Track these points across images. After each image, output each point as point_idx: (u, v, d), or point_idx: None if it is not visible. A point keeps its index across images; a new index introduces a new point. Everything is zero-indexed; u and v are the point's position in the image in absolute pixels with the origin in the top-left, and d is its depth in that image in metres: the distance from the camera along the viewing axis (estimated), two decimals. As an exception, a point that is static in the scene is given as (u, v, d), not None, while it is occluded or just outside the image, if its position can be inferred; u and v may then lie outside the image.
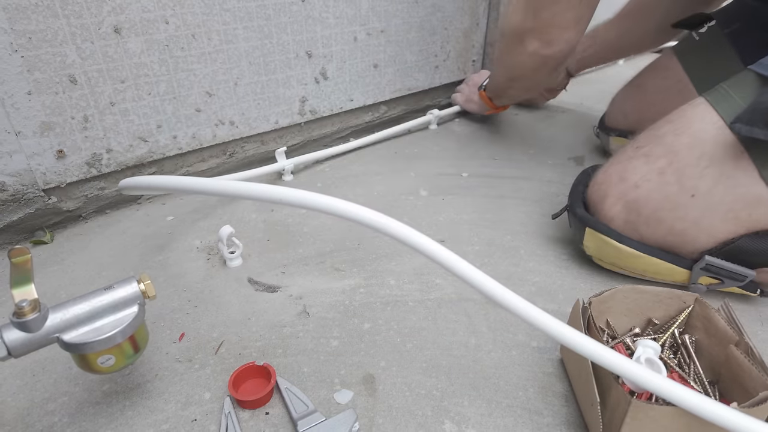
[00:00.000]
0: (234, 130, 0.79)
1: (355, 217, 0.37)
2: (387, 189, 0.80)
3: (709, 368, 0.43)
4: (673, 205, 0.51)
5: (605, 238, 0.54)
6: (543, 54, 0.68)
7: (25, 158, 0.61)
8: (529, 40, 0.68)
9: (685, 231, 0.51)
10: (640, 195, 0.52)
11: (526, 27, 0.67)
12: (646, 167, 0.53)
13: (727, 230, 0.49)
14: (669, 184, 0.51)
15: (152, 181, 0.50)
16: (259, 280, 0.59)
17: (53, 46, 0.58)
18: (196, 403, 0.43)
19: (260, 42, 0.76)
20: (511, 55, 0.74)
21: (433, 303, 0.55)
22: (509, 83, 0.85)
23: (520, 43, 0.69)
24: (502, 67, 0.83)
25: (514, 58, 0.74)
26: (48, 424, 0.41)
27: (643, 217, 0.53)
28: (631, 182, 0.53)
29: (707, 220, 0.50)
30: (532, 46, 0.68)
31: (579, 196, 0.60)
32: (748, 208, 0.48)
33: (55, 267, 0.61)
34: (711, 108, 0.50)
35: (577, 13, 0.64)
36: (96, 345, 0.36)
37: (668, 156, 0.51)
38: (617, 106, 0.88)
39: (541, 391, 0.45)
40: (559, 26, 0.65)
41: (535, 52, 0.69)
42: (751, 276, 0.50)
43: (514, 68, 0.77)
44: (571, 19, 0.64)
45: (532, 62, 0.71)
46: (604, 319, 0.47)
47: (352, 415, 0.40)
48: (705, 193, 0.49)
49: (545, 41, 0.67)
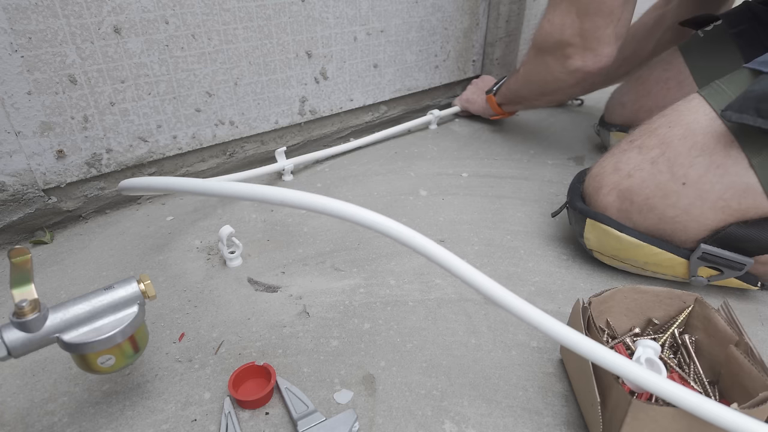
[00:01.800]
0: (234, 130, 0.79)
1: (355, 218, 0.37)
2: (387, 189, 0.80)
3: (709, 368, 0.43)
4: (665, 192, 0.51)
5: (606, 228, 0.55)
6: (587, 70, 0.69)
7: (25, 158, 0.61)
8: (574, 55, 0.69)
9: (676, 218, 0.52)
10: (633, 183, 0.53)
11: (572, 41, 0.68)
12: (639, 157, 0.54)
13: (717, 218, 0.50)
14: (661, 173, 0.52)
15: (152, 182, 0.50)
16: (259, 280, 0.59)
17: (53, 46, 0.58)
18: (196, 403, 0.43)
19: (260, 42, 0.76)
20: (549, 70, 0.74)
21: (433, 303, 0.55)
22: (539, 97, 0.85)
23: (562, 58, 0.70)
24: (532, 81, 0.82)
25: (551, 74, 0.74)
26: (48, 424, 0.41)
27: (635, 205, 0.53)
28: (625, 172, 0.54)
29: (697, 209, 0.50)
30: (576, 62, 0.69)
31: (578, 192, 0.61)
32: (737, 197, 0.48)
33: (54, 267, 0.61)
34: (704, 101, 0.51)
35: (616, 28, 0.66)
36: (96, 345, 0.36)
37: (661, 147, 0.52)
38: (616, 99, 0.89)
39: (541, 391, 0.45)
40: (603, 41, 0.66)
41: (579, 69, 0.69)
42: (750, 263, 0.50)
43: (549, 83, 0.77)
44: (612, 34, 0.66)
45: (573, 78, 0.72)
46: (604, 319, 0.47)
47: (352, 415, 0.40)
48: (695, 182, 0.50)
49: (591, 56, 0.68)
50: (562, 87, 0.76)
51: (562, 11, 0.69)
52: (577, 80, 0.72)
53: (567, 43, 0.69)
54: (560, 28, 0.69)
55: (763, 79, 0.46)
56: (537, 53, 0.76)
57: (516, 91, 0.89)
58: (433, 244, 0.37)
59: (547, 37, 0.71)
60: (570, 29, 0.68)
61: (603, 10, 0.64)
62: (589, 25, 0.65)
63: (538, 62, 0.76)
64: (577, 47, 0.68)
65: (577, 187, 0.62)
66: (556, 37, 0.70)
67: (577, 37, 0.67)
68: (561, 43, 0.70)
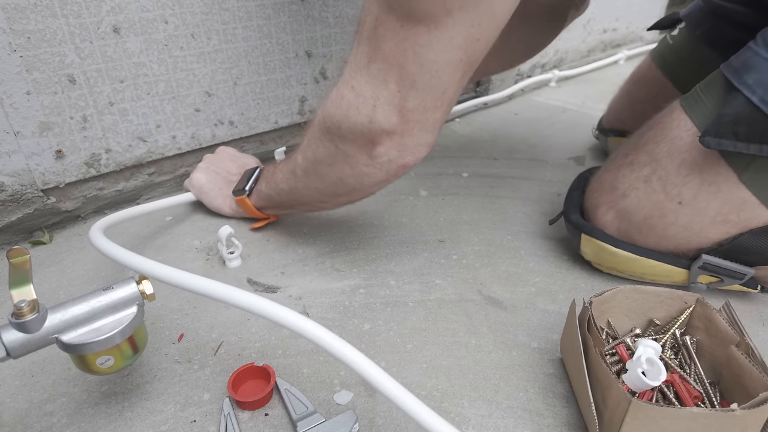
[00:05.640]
0: (233, 130, 0.79)
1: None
2: (387, 189, 0.79)
3: (710, 369, 0.42)
4: (662, 212, 0.51)
5: (601, 243, 0.55)
6: (403, 163, 0.48)
7: (24, 158, 0.61)
8: (387, 142, 0.46)
9: (678, 236, 0.52)
10: (630, 203, 0.53)
11: (387, 124, 0.45)
12: (633, 175, 0.54)
13: (719, 232, 0.50)
14: (655, 192, 0.52)
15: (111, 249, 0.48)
16: (259, 281, 0.59)
17: (52, 46, 0.58)
18: (196, 404, 0.43)
19: (260, 41, 0.76)
20: (347, 162, 0.49)
21: (434, 303, 0.55)
22: (330, 198, 0.57)
23: (369, 145, 0.47)
24: (319, 178, 0.54)
25: (352, 167, 0.50)
26: (47, 425, 0.41)
27: (634, 224, 0.53)
28: (620, 191, 0.54)
29: (697, 225, 0.50)
30: (390, 152, 0.47)
31: (574, 202, 0.60)
32: (735, 210, 0.48)
33: (53, 267, 0.61)
34: (685, 114, 0.51)
35: (443, 111, 0.46)
36: (95, 346, 0.36)
37: (651, 164, 0.52)
38: (613, 114, 0.89)
39: (541, 392, 0.45)
40: (428, 128, 0.46)
41: (393, 161, 0.47)
42: (750, 274, 0.51)
43: (346, 180, 0.52)
44: (440, 121, 0.47)
45: (383, 173, 0.49)
46: (605, 319, 0.46)
47: (352, 417, 0.40)
48: (691, 200, 0.50)
49: (411, 146, 0.47)
50: (367, 185, 0.52)
51: (373, 78, 0.44)
52: (388, 176, 0.50)
53: (379, 126, 0.45)
54: (371, 103, 0.44)
55: (734, 98, 0.45)
56: (327, 137, 0.50)
57: (289, 192, 0.59)
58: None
59: (349, 113, 0.46)
60: (386, 106, 0.44)
61: (436, 87, 0.43)
62: (415, 103, 0.44)
63: (328, 150, 0.50)
64: (393, 133, 0.45)
65: (574, 196, 0.61)
66: (364, 115, 0.45)
67: (396, 117, 0.44)
68: (370, 125, 0.45)
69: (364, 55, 0.44)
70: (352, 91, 0.45)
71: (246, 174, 0.67)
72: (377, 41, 0.43)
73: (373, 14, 0.42)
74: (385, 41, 0.42)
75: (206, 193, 0.70)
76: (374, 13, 0.42)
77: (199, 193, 0.71)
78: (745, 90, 0.44)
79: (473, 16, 0.39)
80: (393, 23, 0.41)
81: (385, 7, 0.41)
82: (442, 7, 0.38)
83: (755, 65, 0.45)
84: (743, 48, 0.48)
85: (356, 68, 0.45)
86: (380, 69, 0.43)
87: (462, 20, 0.39)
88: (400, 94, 0.43)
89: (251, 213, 0.66)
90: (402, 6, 0.39)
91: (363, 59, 0.44)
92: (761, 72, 0.44)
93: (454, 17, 0.39)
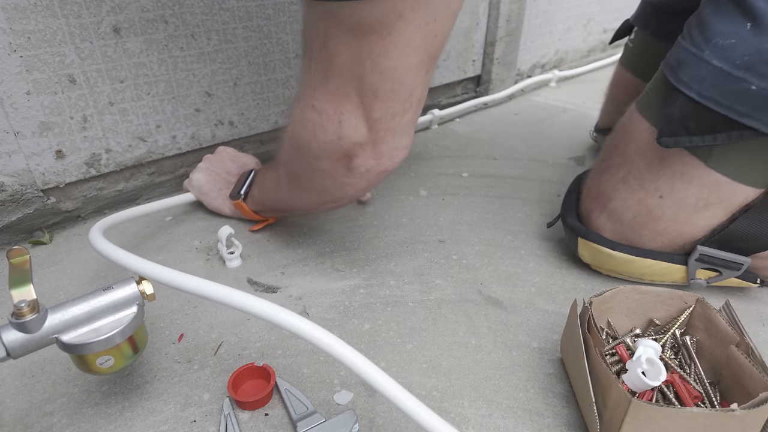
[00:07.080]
0: (233, 130, 0.79)
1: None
2: (387, 189, 0.80)
3: (710, 369, 0.42)
4: (648, 208, 0.52)
5: (598, 246, 0.55)
6: (380, 170, 0.47)
7: (24, 158, 0.61)
8: (362, 154, 0.45)
9: (668, 229, 0.52)
10: (616, 205, 0.54)
11: (356, 138, 0.44)
12: (612, 179, 0.55)
13: (706, 217, 0.51)
14: (635, 191, 0.53)
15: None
16: (259, 281, 0.59)
17: (52, 46, 0.58)
18: (195, 404, 0.43)
19: (260, 41, 0.76)
20: (326, 175, 0.49)
21: (434, 303, 0.55)
22: (320, 206, 0.59)
23: (345, 159, 0.46)
24: (304, 190, 0.55)
25: (333, 180, 0.49)
26: (47, 425, 0.41)
27: (626, 224, 0.54)
28: (606, 195, 0.56)
29: (683, 215, 0.51)
30: (367, 161, 0.46)
31: (571, 205, 0.61)
32: (713, 192, 0.49)
33: (53, 267, 0.61)
34: (641, 115, 0.53)
35: (414, 111, 0.45)
36: (95, 346, 0.36)
37: (626, 165, 0.54)
38: (606, 117, 0.90)
39: (541, 392, 0.45)
40: (400, 131, 0.45)
41: (371, 170, 0.47)
42: (747, 263, 0.51)
43: (330, 191, 0.52)
44: (411, 121, 0.45)
45: (365, 181, 0.48)
46: (605, 319, 0.46)
47: (352, 417, 0.40)
48: (670, 192, 0.51)
49: (386, 152, 0.46)
50: (351, 194, 0.52)
51: (333, 94, 0.42)
52: (370, 183, 0.49)
53: (350, 141, 0.44)
54: (336, 119, 0.43)
55: (676, 97, 0.46)
56: (300, 155, 0.49)
57: (279, 200, 0.62)
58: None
59: (316, 134, 0.45)
60: (352, 119, 0.43)
61: (400, 92, 0.41)
62: (381, 112, 0.42)
63: (305, 167, 0.50)
64: (366, 144, 0.44)
65: (571, 199, 0.62)
66: (331, 132, 0.44)
67: (364, 128, 0.43)
68: (340, 142, 0.44)
69: (319, 73, 0.42)
70: (314, 111, 0.44)
71: (241, 178, 0.67)
72: (330, 57, 0.41)
73: (320, 29, 0.40)
74: (339, 55, 0.40)
75: (206, 194, 0.70)
76: (321, 28, 0.40)
77: (198, 194, 0.71)
78: (683, 88, 0.45)
79: (426, 13, 0.37)
80: (344, 36, 0.39)
81: (332, 21, 0.39)
82: (392, 12, 0.36)
83: (686, 61, 0.46)
84: (675, 44, 0.49)
85: (313, 87, 0.44)
86: (339, 83, 0.41)
87: (415, 20, 0.37)
88: (363, 106, 0.42)
89: (249, 216, 0.67)
90: (350, 17, 0.37)
91: (319, 77, 0.43)
92: (692, 67, 0.45)
93: (407, 19, 0.37)
